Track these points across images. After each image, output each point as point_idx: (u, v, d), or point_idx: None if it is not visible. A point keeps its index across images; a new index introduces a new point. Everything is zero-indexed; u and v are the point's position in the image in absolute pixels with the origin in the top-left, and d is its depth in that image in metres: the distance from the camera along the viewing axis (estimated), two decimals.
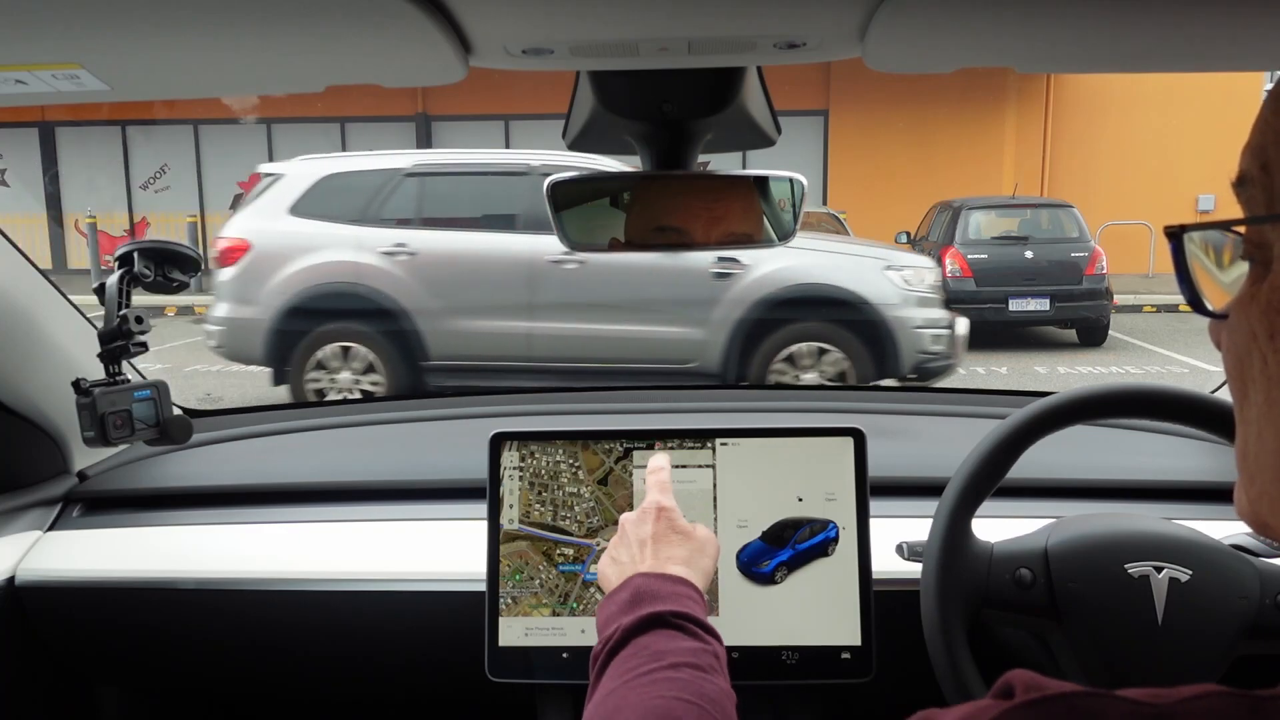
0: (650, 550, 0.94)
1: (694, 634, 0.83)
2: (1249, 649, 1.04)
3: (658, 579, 0.89)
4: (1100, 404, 1.09)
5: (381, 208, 6.18)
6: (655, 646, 0.81)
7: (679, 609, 0.85)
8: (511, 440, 1.22)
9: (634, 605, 0.86)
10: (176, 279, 1.33)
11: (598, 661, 0.83)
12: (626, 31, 0.74)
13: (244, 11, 0.65)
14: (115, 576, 1.33)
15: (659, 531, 0.95)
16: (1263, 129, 0.50)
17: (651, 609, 0.84)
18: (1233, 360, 0.52)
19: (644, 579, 0.89)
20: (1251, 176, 0.50)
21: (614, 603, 0.88)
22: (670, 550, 0.94)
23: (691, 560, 0.93)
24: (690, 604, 0.87)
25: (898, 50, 0.77)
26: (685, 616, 0.84)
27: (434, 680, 1.37)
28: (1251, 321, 0.50)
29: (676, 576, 0.90)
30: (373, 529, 1.38)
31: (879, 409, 1.75)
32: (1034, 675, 0.48)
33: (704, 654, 0.81)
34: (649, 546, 0.94)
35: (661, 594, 0.87)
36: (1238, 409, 0.53)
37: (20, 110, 3.93)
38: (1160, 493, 1.38)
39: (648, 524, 0.96)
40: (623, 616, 0.85)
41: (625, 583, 0.90)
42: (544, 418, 1.71)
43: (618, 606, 0.87)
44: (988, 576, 1.08)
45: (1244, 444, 0.52)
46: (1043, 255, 9.69)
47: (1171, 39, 0.74)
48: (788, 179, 1.04)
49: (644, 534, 0.96)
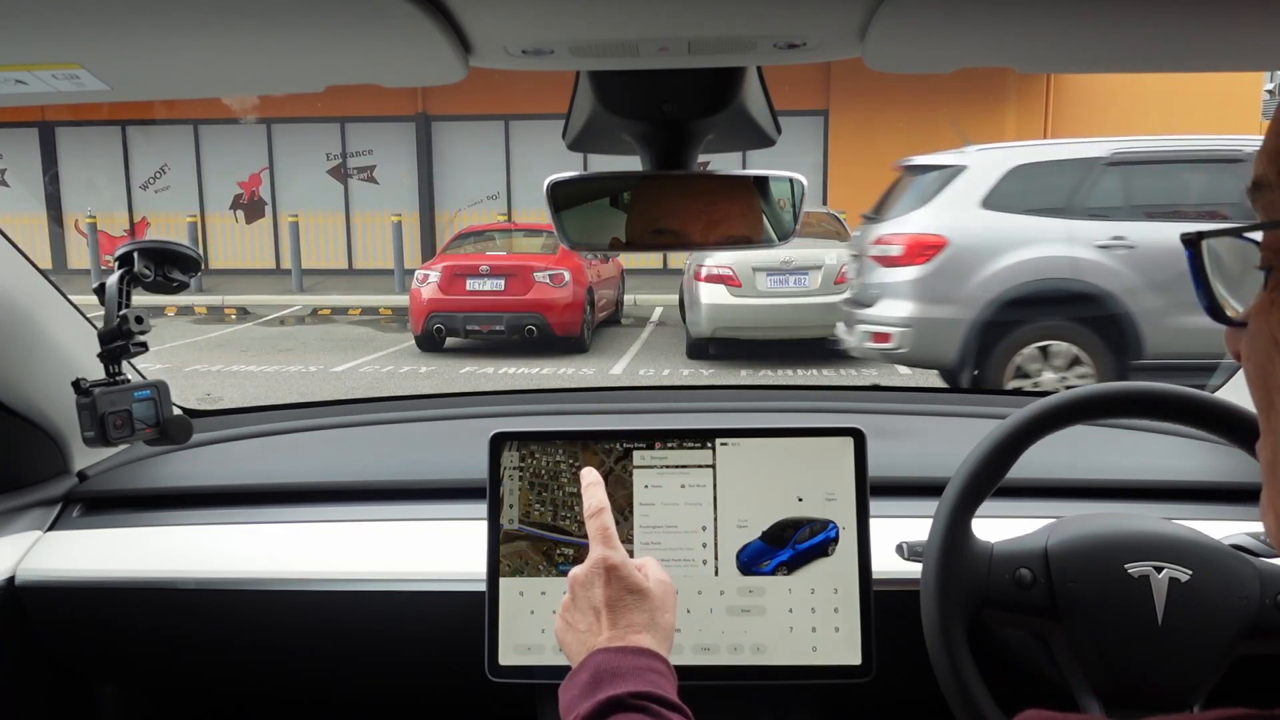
0: (606, 619, 0.88)
1: (656, 714, 0.80)
2: (1249, 649, 1.04)
3: (618, 654, 0.84)
4: (1100, 404, 1.09)
5: (1086, 198, 5.83)
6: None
7: (641, 689, 0.81)
8: (511, 440, 1.22)
9: (594, 688, 0.82)
10: (176, 279, 1.33)
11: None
12: (626, 31, 0.74)
13: (244, 11, 0.65)
14: (115, 576, 1.33)
15: (613, 596, 0.90)
16: (1278, 133, 0.49)
17: (611, 692, 0.80)
18: (1255, 369, 0.50)
19: (604, 655, 0.84)
20: (1269, 181, 0.49)
21: (574, 685, 0.84)
22: (629, 616, 0.88)
23: (652, 624, 0.89)
24: (655, 679, 0.83)
25: (898, 50, 0.77)
26: (648, 696, 0.81)
27: (434, 680, 1.37)
28: (1272, 328, 0.48)
29: (639, 648, 0.85)
30: (373, 529, 1.38)
31: (879, 409, 1.75)
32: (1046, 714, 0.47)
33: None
34: (604, 615, 0.89)
35: (623, 671, 0.82)
36: (1263, 418, 0.51)
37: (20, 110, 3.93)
38: (1160, 493, 1.38)
39: (597, 587, 0.91)
40: (582, 702, 0.81)
41: (585, 661, 0.85)
42: (544, 418, 1.71)
43: (578, 690, 0.83)
44: (988, 576, 1.08)
45: (1271, 454, 0.50)
46: None
47: (1171, 39, 0.74)
48: (788, 179, 1.04)
49: (596, 600, 0.90)
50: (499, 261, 9.77)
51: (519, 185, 16.29)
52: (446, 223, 16.12)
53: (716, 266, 8.73)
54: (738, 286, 8.69)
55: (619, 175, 1.02)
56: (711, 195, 1.03)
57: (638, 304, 12.66)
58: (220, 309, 13.12)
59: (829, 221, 9.82)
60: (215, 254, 16.40)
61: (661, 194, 1.03)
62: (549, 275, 9.49)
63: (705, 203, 1.02)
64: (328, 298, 13.55)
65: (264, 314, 12.74)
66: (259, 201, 16.69)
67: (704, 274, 8.78)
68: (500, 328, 9.41)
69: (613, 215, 1.02)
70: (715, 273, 8.71)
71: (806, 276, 8.74)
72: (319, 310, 13.01)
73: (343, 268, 16.28)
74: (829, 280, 8.72)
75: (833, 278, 8.71)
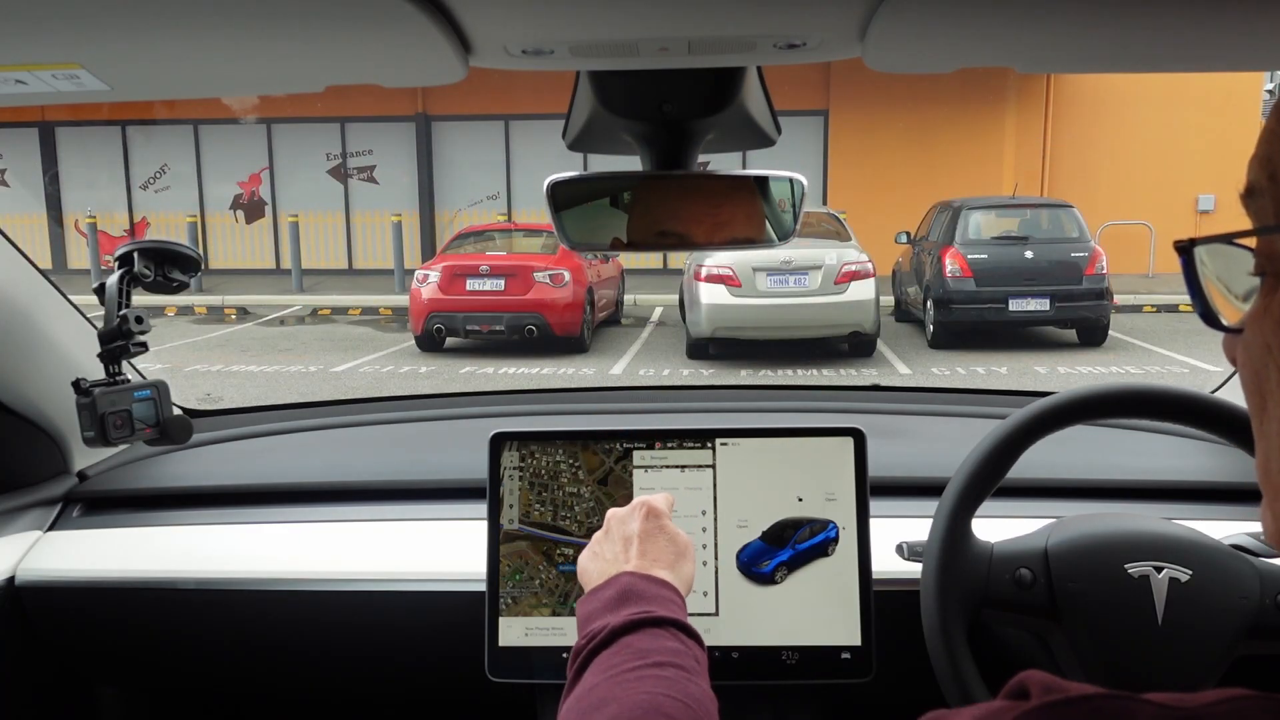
0: (636, 549, 0.92)
1: (678, 637, 0.83)
2: (1249, 649, 1.04)
3: (643, 580, 0.88)
4: (1100, 404, 1.09)
5: None
6: (640, 645, 0.80)
7: (665, 614, 0.84)
8: (511, 440, 1.22)
9: (620, 604, 0.85)
10: (176, 279, 1.33)
11: (579, 657, 0.82)
12: (626, 32, 0.74)
13: (244, 11, 0.65)
14: (115, 576, 1.33)
15: (647, 530, 0.94)
16: (1270, 139, 0.49)
17: (640, 609, 0.84)
18: (1249, 375, 0.51)
19: (630, 578, 0.88)
20: (1260, 187, 0.49)
21: (598, 599, 0.87)
22: (657, 551, 0.93)
23: (676, 565, 0.92)
24: (675, 609, 0.86)
25: (898, 50, 0.77)
26: (674, 622, 0.84)
27: (434, 680, 1.37)
28: (1266, 335, 0.49)
29: (661, 580, 0.89)
30: (373, 529, 1.38)
31: (879, 409, 1.75)
32: (1049, 676, 0.47)
33: (687, 656, 0.81)
34: (634, 545, 0.93)
35: (647, 595, 0.86)
36: (1256, 424, 0.51)
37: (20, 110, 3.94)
38: (1160, 493, 1.38)
39: (635, 521, 0.95)
40: (609, 615, 0.84)
41: (611, 580, 0.89)
42: (544, 418, 1.71)
43: (602, 604, 0.86)
44: (988, 576, 1.08)
45: (1265, 460, 0.51)
46: (1043, 255, 9.69)
47: (1171, 39, 0.74)
48: (788, 179, 1.04)
49: (630, 531, 0.95)
50: (499, 261, 9.77)
51: (519, 185, 16.30)
52: (446, 223, 16.13)
53: (716, 266, 8.73)
54: (738, 286, 8.70)
55: (619, 175, 1.02)
56: (712, 195, 1.03)
57: (638, 304, 12.66)
58: (220, 309, 13.12)
59: (829, 221, 9.83)
60: (215, 254, 16.41)
61: (662, 194, 1.03)
62: (549, 275, 9.49)
63: (705, 203, 1.02)
64: (328, 298, 13.56)
65: (264, 314, 12.74)
66: (259, 201, 16.69)
67: (704, 274, 8.79)
68: (500, 328, 9.41)
69: (613, 215, 1.02)
70: (715, 273, 8.72)
71: (806, 276, 8.75)
72: (319, 310, 13.02)
73: (343, 268, 16.28)
74: (829, 280, 8.73)
75: (832, 278, 8.72)
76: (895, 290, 11.74)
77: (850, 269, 8.80)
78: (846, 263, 8.82)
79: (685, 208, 1.02)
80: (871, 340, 9.11)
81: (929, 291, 9.88)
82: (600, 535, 0.98)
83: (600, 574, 0.92)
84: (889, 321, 10.67)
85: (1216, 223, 13.83)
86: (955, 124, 14.85)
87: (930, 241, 10.54)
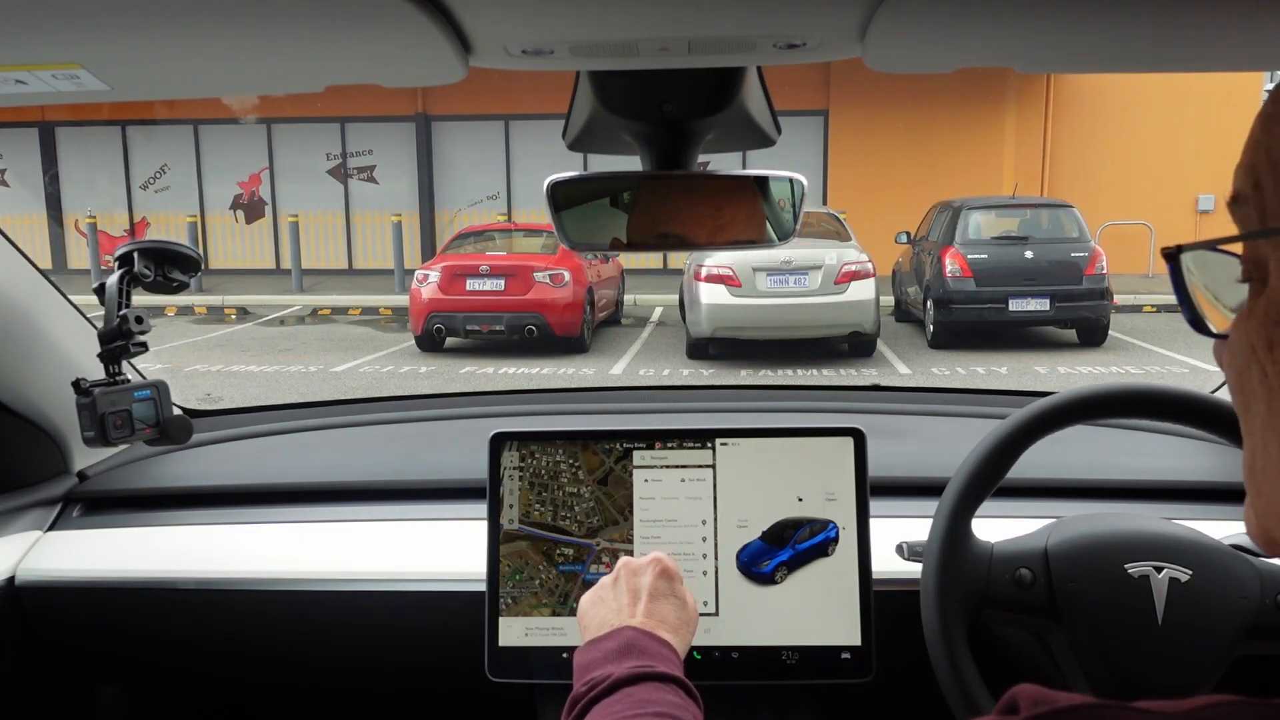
0: (644, 606, 0.93)
1: (678, 694, 0.83)
2: (1249, 649, 1.04)
3: (648, 637, 0.89)
4: (1100, 404, 1.09)
5: None
6: (642, 696, 0.81)
7: (666, 670, 0.85)
8: (511, 440, 1.22)
9: (623, 656, 0.86)
10: (176, 279, 1.33)
11: (578, 704, 0.83)
12: (626, 31, 0.74)
13: (244, 12, 0.65)
14: (115, 576, 1.33)
15: (659, 589, 0.94)
16: (1254, 148, 0.50)
17: (643, 662, 0.84)
18: (1234, 375, 0.52)
19: (634, 633, 0.89)
20: (1245, 195, 0.50)
21: (599, 649, 0.88)
22: (664, 613, 0.93)
23: (680, 629, 0.93)
24: (676, 669, 0.87)
25: (898, 50, 0.77)
26: (676, 680, 0.85)
27: (434, 680, 1.37)
28: (1250, 335, 0.50)
29: (666, 640, 0.89)
30: (373, 529, 1.38)
31: (879, 409, 1.75)
32: (1039, 689, 0.47)
33: (686, 711, 0.82)
34: (643, 601, 0.93)
35: (650, 651, 0.87)
36: (1242, 423, 0.52)
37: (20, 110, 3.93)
38: (1160, 493, 1.38)
39: (648, 576, 0.95)
40: (611, 665, 0.85)
41: (614, 632, 0.89)
42: (544, 418, 1.71)
43: (603, 654, 0.87)
44: (988, 576, 1.08)
45: (1250, 458, 0.52)
46: (1043, 255, 9.69)
47: (1171, 39, 0.74)
48: (788, 179, 1.04)
49: (641, 585, 0.95)
50: (499, 261, 9.76)
51: (519, 185, 16.29)
52: (446, 223, 16.13)
53: (716, 266, 8.73)
54: (738, 286, 8.70)
55: (619, 175, 1.02)
56: (712, 195, 1.03)
57: (638, 304, 12.66)
58: (220, 309, 13.12)
59: (829, 221, 9.83)
60: (215, 254, 16.41)
61: (662, 194, 1.03)
62: (549, 275, 9.49)
63: (705, 203, 1.02)
64: (328, 298, 13.55)
65: (264, 314, 12.74)
66: (259, 201, 16.69)
67: (704, 274, 8.79)
68: (500, 328, 9.41)
69: (613, 215, 1.02)
70: (715, 273, 8.71)
71: (806, 276, 8.75)
72: (319, 310, 13.02)
73: (343, 268, 16.28)
74: (829, 280, 8.73)
75: (832, 278, 8.72)
76: (895, 290, 11.74)
77: (850, 269, 8.80)
78: (846, 263, 8.82)
79: (685, 208, 1.02)
80: (871, 340, 9.11)
81: (929, 291, 9.88)
82: (608, 581, 0.98)
83: (602, 622, 0.92)
84: (889, 321, 10.67)
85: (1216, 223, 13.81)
86: (955, 124, 14.84)
87: (930, 241, 10.54)
